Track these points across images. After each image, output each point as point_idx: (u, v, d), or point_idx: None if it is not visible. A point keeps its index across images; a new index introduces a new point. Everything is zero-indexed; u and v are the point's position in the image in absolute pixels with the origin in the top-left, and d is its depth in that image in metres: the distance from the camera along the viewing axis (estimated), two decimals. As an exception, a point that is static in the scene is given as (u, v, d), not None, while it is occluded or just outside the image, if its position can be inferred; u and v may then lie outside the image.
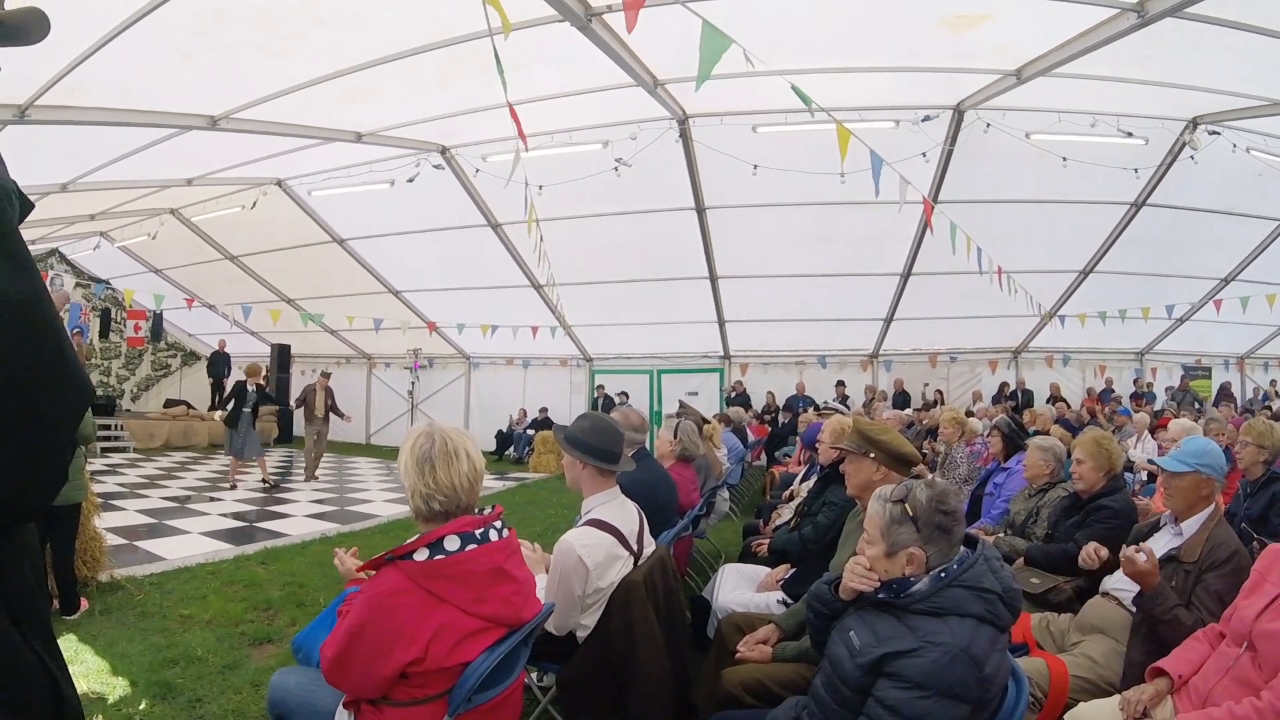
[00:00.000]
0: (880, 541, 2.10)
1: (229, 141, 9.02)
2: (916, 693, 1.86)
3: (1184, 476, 2.98)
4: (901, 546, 2.06)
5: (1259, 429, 4.46)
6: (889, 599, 2.06)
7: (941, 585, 1.99)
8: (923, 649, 1.89)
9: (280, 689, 2.39)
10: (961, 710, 1.85)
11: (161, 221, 13.57)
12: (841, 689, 2.03)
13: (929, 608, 1.98)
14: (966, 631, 1.90)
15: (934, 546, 2.04)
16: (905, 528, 2.06)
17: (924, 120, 9.04)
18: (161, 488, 10.37)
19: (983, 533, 4.81)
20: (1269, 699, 2.04)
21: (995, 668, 1.91)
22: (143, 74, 6.93)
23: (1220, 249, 12.77)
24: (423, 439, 2.16)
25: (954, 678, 1.85)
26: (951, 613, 1.95)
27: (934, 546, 2.04)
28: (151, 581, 5.60)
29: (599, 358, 17.72)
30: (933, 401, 15.33)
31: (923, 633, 1.93)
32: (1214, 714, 2.14)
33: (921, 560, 2.04)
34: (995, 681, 1.92)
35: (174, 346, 20.00)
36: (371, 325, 15.47)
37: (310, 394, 12.28)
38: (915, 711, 1.85)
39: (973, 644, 1.88)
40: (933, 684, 1.85)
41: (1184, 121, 9.36)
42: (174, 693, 3.67)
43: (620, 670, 2.86)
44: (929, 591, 2.00)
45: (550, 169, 9.67)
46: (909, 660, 1.89)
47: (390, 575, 2.01)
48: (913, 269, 13.15)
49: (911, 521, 2.06)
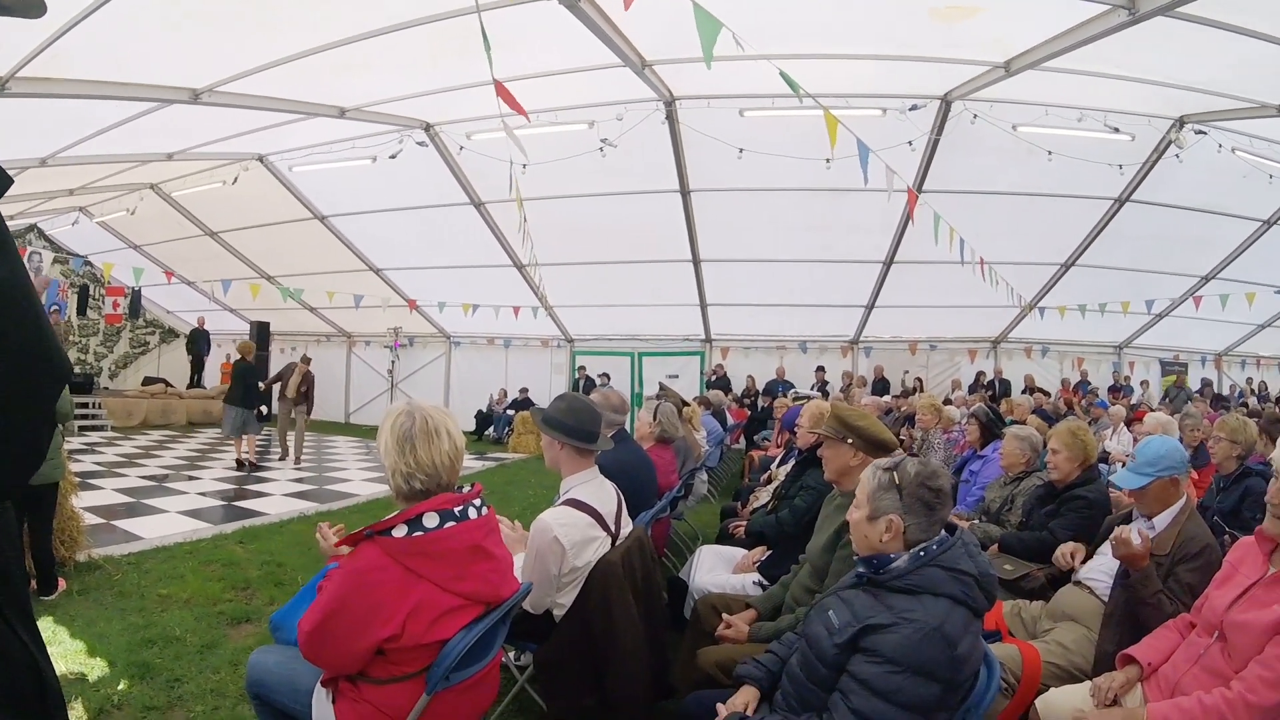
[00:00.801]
0: (866, 505, 2.15)
1: (211, 116, 8.90)
2: (888, 668, 1.88)
3: (1148, 489, 3.02)
4: (883, 513, 2.10)
5: (1233, 425, 4.51)
6: (869, 574, 2.10)
7: (920, 564, 2.02)
8: (897, 625, 1.92)
9: (259, 668, 2.38)
10: (932, 689, 1.88)
11: (141, 197, 13.40)
12: (818, 667, 2.05)
13: (905, 585, 2.01)
14: (941, 610, 1.93)
15: (913, 518, 2.07)
16: (889, 495, 2.11)
17: (911, 109, 9.04)
18: (139, 466, 10.28)
19: (958, 519, 4.87)
20: (1239, 689, 2.07)
21: (968, 649, 1.94)
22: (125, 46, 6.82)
23: (1202, 247, 12.89)
24: (403, 417, 2.15)
25: (926, 655, 1.87)
26: (927, 591, 1.98)
27: (913, 518, 2.07)
28: (129, 561, 5.55)
29: (580, 339, 17.74)
30: (912, 389, 15.41)
31: (898, 609, 1.96)
32: (1184, 703, 2.18)
33: (899, 529, 2.08)
34: (968, 663, 1.94)
35: (152, 324, 19.78)
36: (351, 303, 15.36)
37: (288, 373, 12.17)
38: (886, 686, 1.87)
39: (946, 623, 1.91)
40: (905, 660, 1.87)
41: (1171, 120, 9.41)
42: (152, 673, 3.65)
43: (597, 650, 2.87)
44: (907, 569, 2.03)
45: (534, 148, 9.51)
46: (882, 636, 1.92)
47: (369, 551, 2.01)
48: (895, 257, 13.21)
49: (896, 490, 2.11)
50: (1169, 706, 2.20)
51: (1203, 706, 2.12)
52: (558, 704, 3.03)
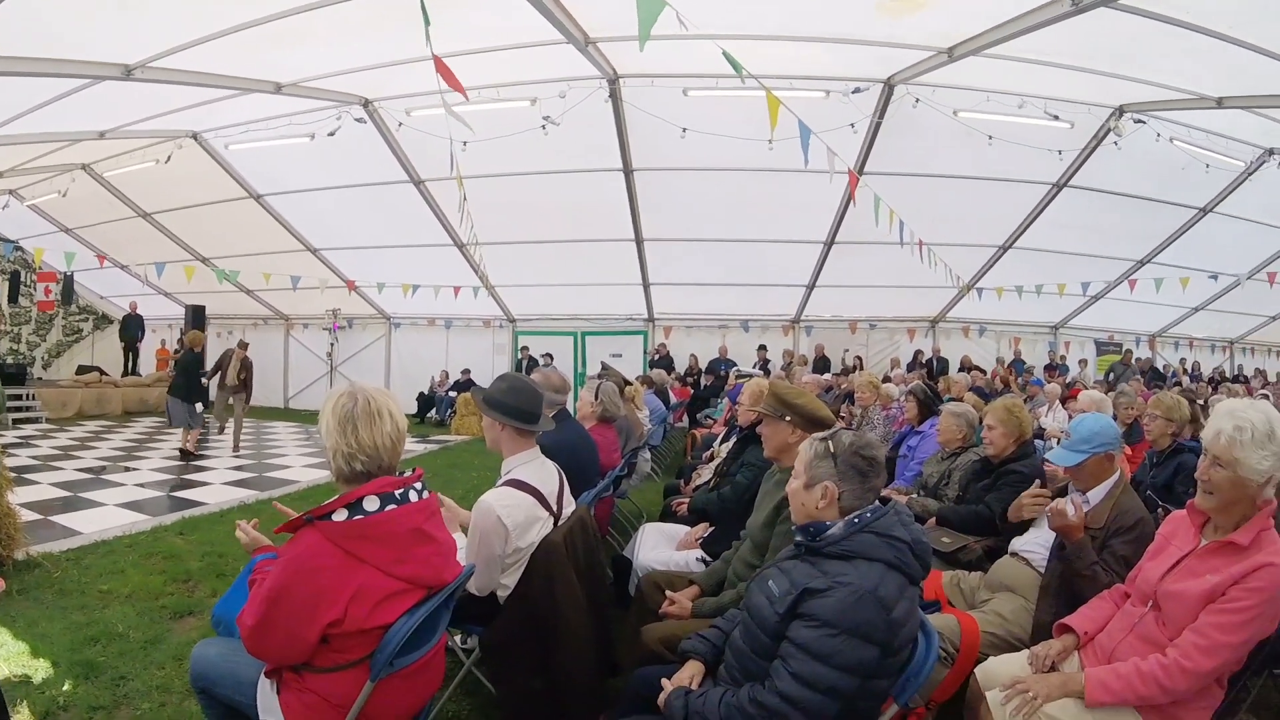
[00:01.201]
0: (803, 474, 2.21)
1: (144, 92, 8.62)
2: (826, 630, 1.93)
3: (1083, 464, 3.08)
4: (818, 480, 2.17)
5: (1168, 403, 4.68)
6: (806, 541, 2.16)
7: (854, 530, 2.09)
8: (832, 589, 1.97)
9: (201, 661, 2.33)
10: (870, 651, 1.93)
11: (73, 178, 12.89)
12: (760, 637, 2.09)
13: (840, 550, 2.07)
14: (875, 574, 1.99)
15: (848, 485, 2.14)
16: (825, 463, 2.17)
17: (854, 92, 9.14)
18: (76, 459, 9.94)
19: (896, 493, 4.99)
20: (1174, 656, 2.16)
21: (904, 614, 1.99)
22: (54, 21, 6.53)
23: (1137, 233, 13.32)
24: (345, 398, 2.13)
25: (861, 617, 1.92)
26: (861, 556, 2.03)
27: (848, 485, 2.14)
28: (69, 557, 5.39)
29: (522, 319, 17.65)
30: (852, 367, 15.73)
31: (833, 574, 2.01)
32: (1121, 668, 2.26)
33: (834, 495, 2.14)
34: (904, 627, 1.99)
35: (86, 310, 19.01)
36: (289, 284, 14.99)
37: (226, 360, 11.88)
38: (824, 649, 1.92)
39: (880, 586, 1.96)
40: (841, 622, 1.92)
41: (1111, 108, 9.70)
42: (97, 671, 3.57)
43: (543, 630, 2.87)
44: (842, 535, 2.09)
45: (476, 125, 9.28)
46: (819, 600, 1.97)
47: (309, 537, 1.99)
48: (836, 238, 13.42)
49: (831, 458, 2.17)
50: (1106, 672, 2.29)
51: (1139, 672, 2.21)
52: (505, 686, 3.03)
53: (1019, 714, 2.28)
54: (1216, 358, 19.64)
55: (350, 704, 2.04)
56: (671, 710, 2.11)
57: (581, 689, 2.93)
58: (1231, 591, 2.14)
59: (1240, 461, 2.19)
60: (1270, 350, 20.16)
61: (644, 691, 2.36)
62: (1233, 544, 2.21)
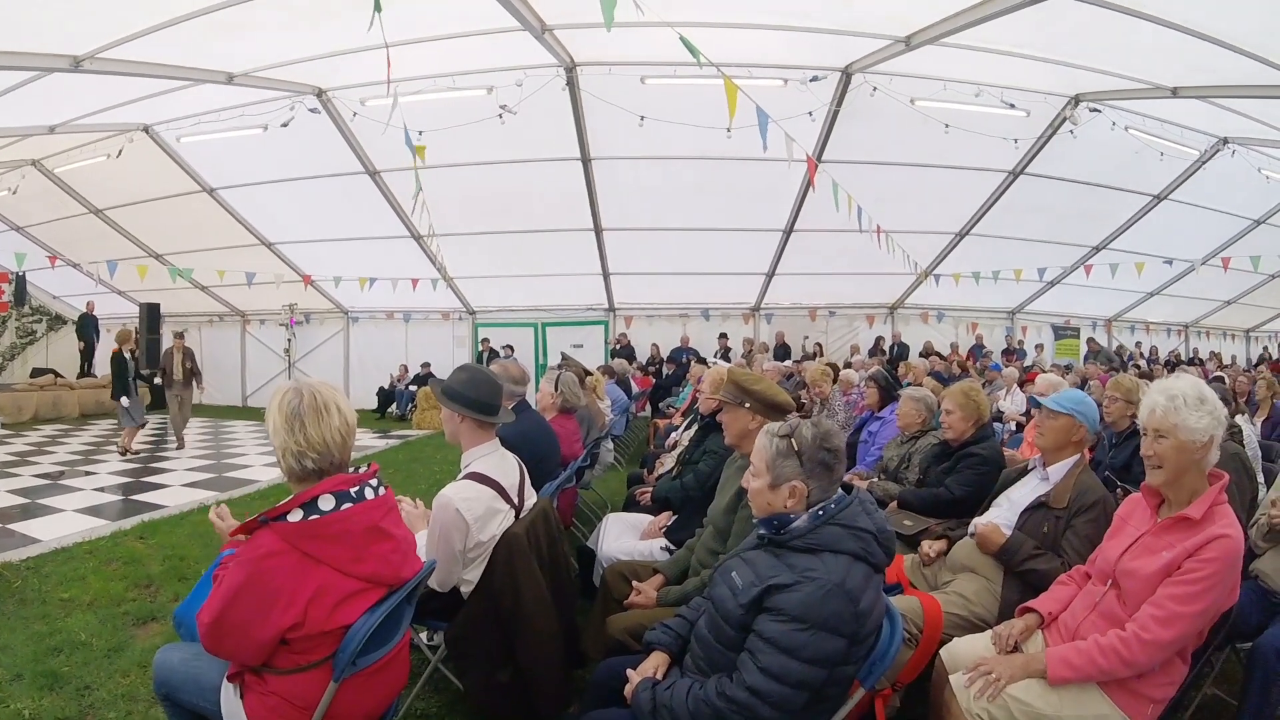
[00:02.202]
0: (765, 474, 2.16)
1: (93, 84, 8.43)
2: (794, 625, 1.92)
3: (1059, 418, 3.17)
4: (785, 480, 2.13)
5: (1127, 385, 4.75)
6: (770, 535, 2.13)
7: (819, 523, 2.07)
8: (799, 584, 1.96)
9: (164, 668, 2.29)
10: (838, 643, 1.93)
11: (23, 175, 12.47)
12: (724, 628, 2.09)
13: (805, 544, 2.05)
14: (841, 567, 1.98)
15: (816, 481, 2.11)
16: (790, 461, 2.13)
17: (812, 80, 9.16)
18: (33, 464, 9.64)
19: (857, 478, 5.05)
20: (1133, 629, 2.20)
21: (870, 604, 1.99)
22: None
23: (1093, 219, 13.57)
24: (290, 395, 2.08)
25: (829, 611, 1.92)
26: (827, 549, 2.02)
27: (816, 481, 2.11)
28: (28, 566, 5.26)
29: (482, 310, 17.49)
30: (812, 354, 15.87)
31: (800, 568, 2.00)
32: (1081, 645, 2.30)
33: (803, 494, 2.11)
34: (870, 617, 2.00)
35: (39, 311, 18.39)
36: (244, 280, 14.73)
37: (167, 359, 11.65)
38: (792, 644, 1.91)
39: (847, 579, 1.96)
40: (809, 617, 1.91)
41: (1066, 98, 9.83)
42: (61, 682, 3.49)
43: (508, 624, 2.86)
44: (807, 529, 2.07)
45: (431, 114, 9.25)
46: (786, 595, 1.96)
47: (264, 537, 1.95)
48: (795, 225, 13.50)
49: (796, 456, 2.13)
50: (1068, 649, 2.32)
51: (1099, 646, 2.25)
52: (471, 681, 3.02)
53: (983, 695, 2.31)
54: (1172, 341, 20.08)
55: (315, 705, 2.02)
56: (639, 703, 2.10)
57: (548, 681, 2.92)
58: (1186, 564, 2.19)
59: (1179, 426, 2.26)
60: (1225, 334, 20.72)
61: (611, 683, 2.35)
62: (1186, 519, 2.26)
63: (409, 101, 8.33)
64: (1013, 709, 2.29)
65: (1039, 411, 3.34)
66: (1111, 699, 2.26)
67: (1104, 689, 2.27)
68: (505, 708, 2.94)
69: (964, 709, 2.35)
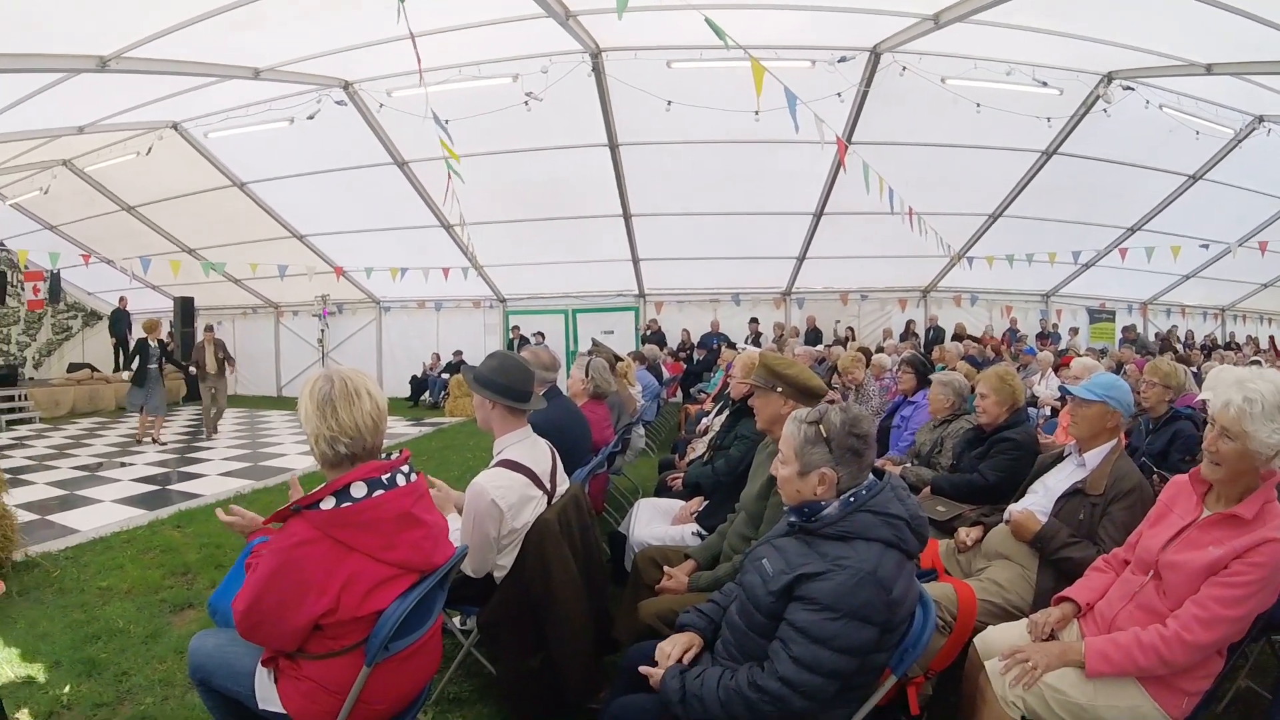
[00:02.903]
0: (794, 461, 2.12)
1: (121, 84, 8.53)
2: (826, 614, 1.89)
3: (1092, 405, 3.09)
4: (814, 467, 2.08)
5: (1164, 369, 4.65)
6: (801, 522, 2.10)
7: (850, 510, 2.03)
8: (830, 572, 1.92)
9: (199, 653, 2.32)
10: (869, 632, 1.90)
11: (54, 175, 12.72)
12: (755, 615, 2.06)
13: (837, 532, 2.01)
14: (873, 555, 1.94)
15: (845, 468, 2.07)
16: (819, 448, 2.09)
17: (840, 61, 9.06)
18: (71, 457, 9.87)
19: (890, 464, 4.99)
20: (1175, 628, 2.14)
21: (903, 592, 1.96)
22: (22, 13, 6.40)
23: (1128, 200, 13.28)
24: (321, 382, 2.10)
25: (861, 600, 1.88)
26: (859, 537, 1.98)
27: (845, 468, 2.07)
28: (67, 556, 5.36)
29: (513, 298, 17.59)
30: (844, 338, 15.72)
31: (831, 556, 1.96)
32: (1120, 638, 2.24)
33: (833, 481, 2.07)
34: (903, 605, 1.97)
35: (74, 307, 18.84)
36: (276, 272, 14.89)
37: (199, 352, 11.84)
38: (824, 633, 1.89)
39: (879, 567, 1.92)
40: (840, 606, 1.88)
41: (1099, 75, 9.63)
42: (99, 669, 3.56)
43: (538, 609, 2.86)
44: (838, 516, 2.03)
45: (458, 104, 9.30)
46: (818, 583, 1.93)
47: (297, 526, 1.97)
48: (825, 209, 13.36)
49: (825, 443, 2.08)
50: (1106, 642, 2.27)
51: (1139, 642, 2.19)
52: (504, 666, 3.04)
53: (1018, 683, 2.27)
54: (1208, 325, 19.60)
55: (347, 689, 2.03)
56: (668, 691, 2.08)
57: (579, 666, 2.93)
58: (1234, 565, 2.12)
59: (1250, 435, 2.14)
60: (1262, 317, 20.15)
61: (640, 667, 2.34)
62: (1236, 517, 2.18)
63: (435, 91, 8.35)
64: (1048, 698, 2.26)
65: (1070, 400, 3.26)
66: (1147, 691, 2.22)
67: (1140, 680, 2.23)
68: (536, 693, 2.96)
69: (999, 696, 2.32)
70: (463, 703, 3.23)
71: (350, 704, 2.04)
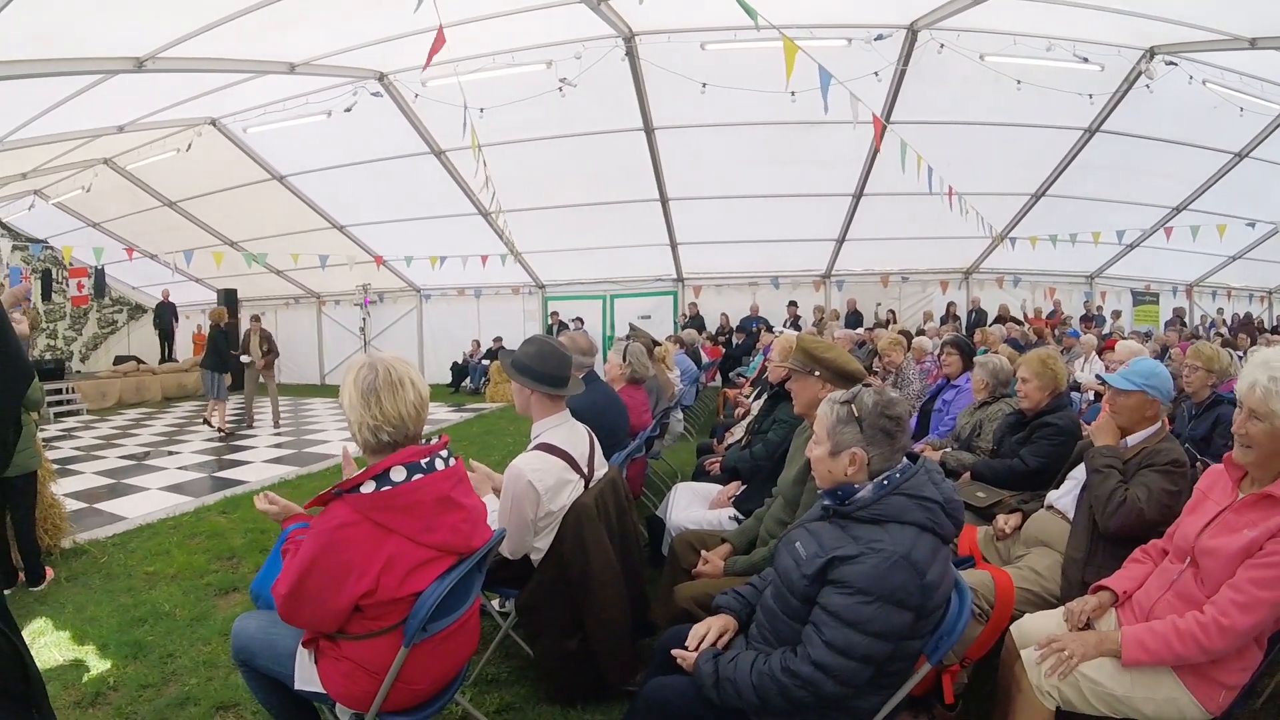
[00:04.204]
0: (826, 441, 2.12)
1: (158, 83, 8.67)
2: (859, 598, 1.88)
3: (1130, 395, 3.01)
4: (845, 447, 2.08)
5: (1208, 354, 4.53)
6: (834, 506, 2.09)
7: (884, 493, 2.01)
8: (864, 555, 1.91)
9: (242, 635, 2.37)
10: (904, 617, 1.89)
11: (95, 173, 13.01)
12: (789, 599, 2.06)
13: (871, 515, 2.00)
14: (907, 538, 1.93)
15: (876, 449, 2.06)
16: (850, 428, 2.08)
17: (876, 39, 8.92)
18: (118, 447, 10.12)
19: (930, 449, 4.93)
20: (1212, 613, 2.09)
21: (937, 576, 1.94)
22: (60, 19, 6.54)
23: (1172, 178, 12.90)
24: (366, 370, 2.12)
25: (895, 583, 1.87)
26: (893, 520, 1.97)
27: (876, 449, 2.06)
28: (114, 542, 5.50)
29: (551, 284, 17.69)
30: (885, 321, 15.53)
31: (864, 540, 1.95)
32: (1157, 626, 2.20)
33: (863, 461, 2.06)
34: (938, 590, 1.95)
35: (119, 301, 19.35)
36: (317, 263, 15.14)
37: (245, 342, 12.11)
38: (857, 616, 1.88)
39: (913, 550, 1.91)
40: (874, 589, 1.87)
41: (1141, 50, 9.36)
42: (145, 651, 3.64)
43: (575, 592, 2.89)
44: (872, 499, 2.02)
45: (492, 92, 9.35)
46: (851, 566, 1.92)
47: (338, 509, 2.00)
48: (864, 189, 13.20)
49: (856, 422, 2.08)
50: (1143, 630, 2.23)
51: (1176, 630, 2.14)
52: (541, 647, 3.06)
53: (1054, 673, 2.24)
54: (1254, 307, 19.00)
55: (386, 669, 2.07)
56: (701, 674, 2.09)
57: (615, 649, 2.95)
58: (1269, 545, 2.06)
59: (1277, 414, 2.08)
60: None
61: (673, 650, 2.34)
62: (1270, 496, 2.11)
63: (469, 80, 8.37)
64: (1084, 688, 2.22)
65: (1108, 390, 3.18)
66: (1184, 683, 2.17)
67: (1177, 673, 2.18)
68: (573, 674, 2.99)
69: (1034, 685, 2.28)
70: (500, 683, 3.26)
71: (389, 684, 2.08)
